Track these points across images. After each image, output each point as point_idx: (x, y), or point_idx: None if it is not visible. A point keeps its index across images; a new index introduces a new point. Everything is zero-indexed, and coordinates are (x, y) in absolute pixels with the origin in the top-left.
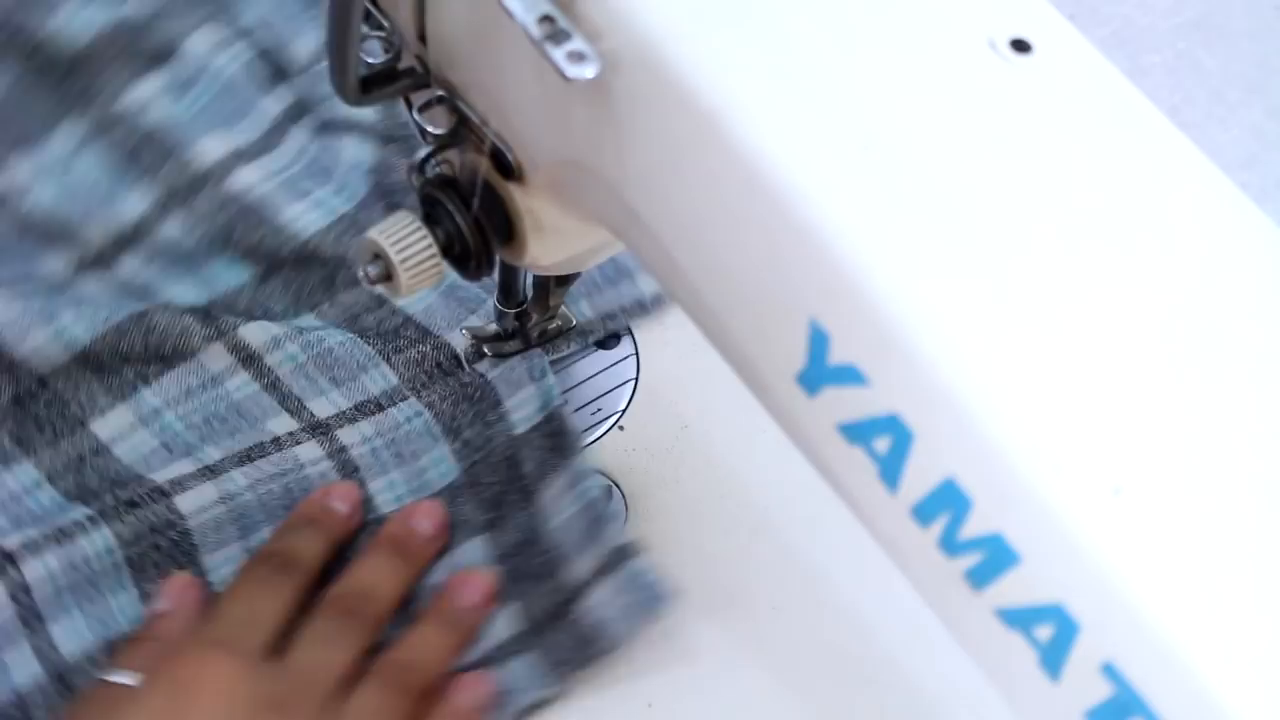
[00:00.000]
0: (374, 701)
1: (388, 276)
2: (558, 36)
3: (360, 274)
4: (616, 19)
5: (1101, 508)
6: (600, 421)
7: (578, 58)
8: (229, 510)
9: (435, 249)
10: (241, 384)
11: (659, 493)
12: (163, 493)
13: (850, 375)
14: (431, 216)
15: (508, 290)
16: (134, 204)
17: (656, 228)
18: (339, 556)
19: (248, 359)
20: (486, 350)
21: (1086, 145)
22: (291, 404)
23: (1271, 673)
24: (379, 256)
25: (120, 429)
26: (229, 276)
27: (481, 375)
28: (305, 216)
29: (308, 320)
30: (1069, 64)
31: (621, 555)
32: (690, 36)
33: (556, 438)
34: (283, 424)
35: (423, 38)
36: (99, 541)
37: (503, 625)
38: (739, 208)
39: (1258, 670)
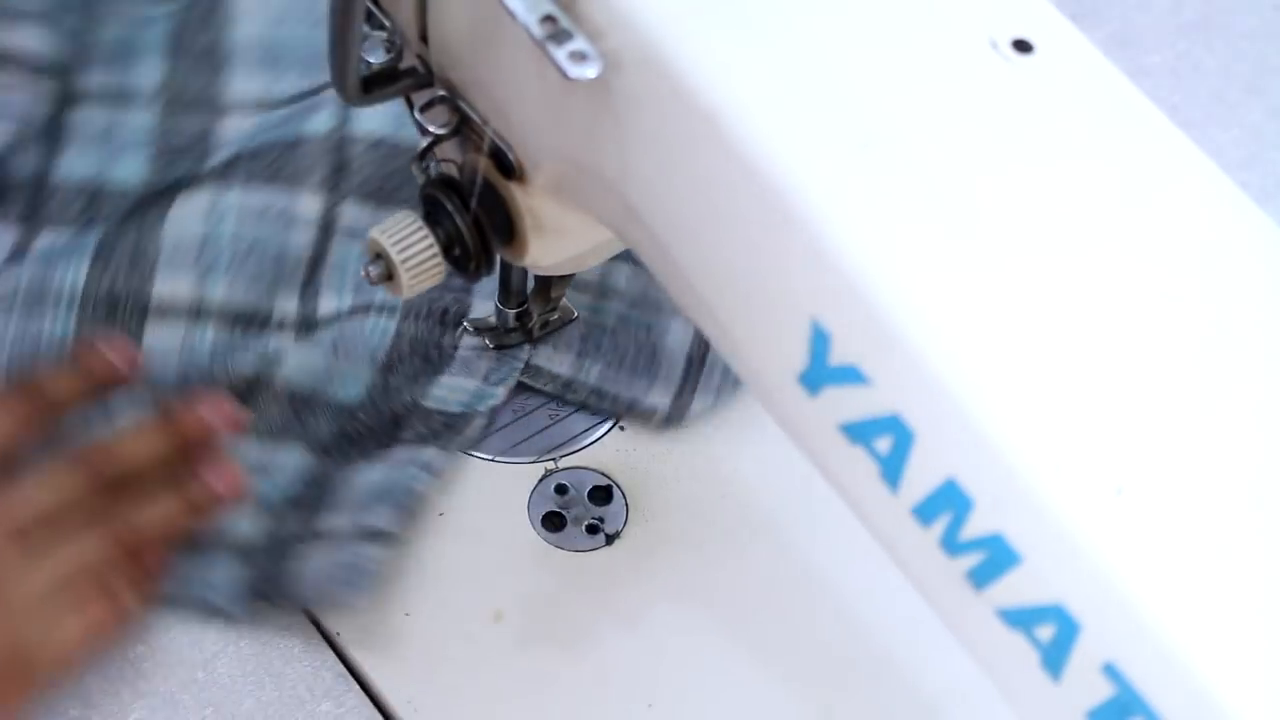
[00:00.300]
0: (84, 548)
1: (389, 276)
2: (559, 36)
3: (363, 273)
4: (618, 19)
5: (1102, 508)
6: (601, 421)
7: (579, 58)
8: (179, 362)
9: (437, 249)
10: (300, 242)
11: (659, 493)
12: (143, 313)
13: (851, 375)
14: (432, 216)
15: (508, 290)
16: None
17: (657, 227)
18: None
19: (325, 226)
20: (488, 342)
21: (1087, 145)
22: (311, 290)
23: (1271, 673)
24: (380, 256)
25: (191, 212)
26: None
27: (455, 346)
28: None
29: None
30: (1070, 64)
31: (369, 536)
32: (691, 36)
33: (449, 430)
34: (288, 306)
35: (424, 37)
36: (59, 326)
37: (241, 527)
38: (739, 207)
39: (1258, 670)
